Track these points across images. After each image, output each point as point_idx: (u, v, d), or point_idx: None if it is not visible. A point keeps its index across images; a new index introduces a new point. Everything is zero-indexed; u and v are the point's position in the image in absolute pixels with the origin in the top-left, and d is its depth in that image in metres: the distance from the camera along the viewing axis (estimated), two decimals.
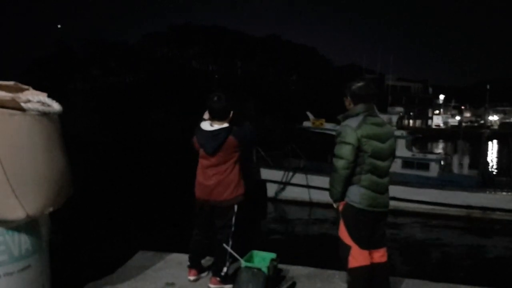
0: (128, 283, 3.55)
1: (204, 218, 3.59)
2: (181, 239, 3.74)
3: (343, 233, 3.10)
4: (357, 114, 3.06)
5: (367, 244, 3.06)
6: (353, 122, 3.02)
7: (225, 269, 3.49)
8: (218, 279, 3.49)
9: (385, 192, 3.09)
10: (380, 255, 3.14)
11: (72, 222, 8.52)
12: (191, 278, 3.60)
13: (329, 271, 3.93)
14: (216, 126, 3.45)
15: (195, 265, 3.65)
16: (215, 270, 3.53)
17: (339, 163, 2.98)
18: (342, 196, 3.06)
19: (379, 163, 3.02)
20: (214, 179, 3.46)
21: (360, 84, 3.08)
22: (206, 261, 3.90)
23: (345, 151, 2.96)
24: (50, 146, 2.31)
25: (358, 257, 3.02)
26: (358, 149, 2.95)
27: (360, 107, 3.06)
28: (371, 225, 3.07)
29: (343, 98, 3.17)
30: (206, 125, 3.50)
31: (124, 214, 11.82)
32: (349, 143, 2.95)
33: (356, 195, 3.01)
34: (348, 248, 3.05)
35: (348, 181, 3.01)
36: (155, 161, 24.30)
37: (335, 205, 3.16)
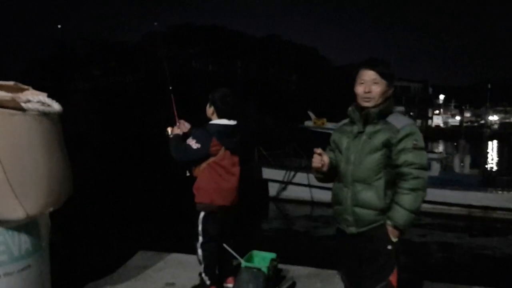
0: (128, 283, 3.55)
1: (221, 226, 3.39)
2: (181, 239, 3.72)
3: (395, 276, 2.21)
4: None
5: None
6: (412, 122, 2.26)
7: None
8: (233, 277, 3.48)
9: None
10: None
11: (72, 222, 8.51)
12: (230, 285, 3.46)
13: (329, 271, 3.92)
14: (233, 122, 3.32)
15: (228, 273, 3.54)
16: (230, 269, 3.52)
17: (426, 175, 2.14)
18: None
19: None
20: (235, 180, 3.34)
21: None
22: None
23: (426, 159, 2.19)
24: (50, 146, 2.31)
25: None
26: None
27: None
28: None
29: (382, 82, 2.20)
30: (224, 121, 3.29)
31: (124, 214, 11.81)
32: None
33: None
34: None
35: None
36: (155, 161, 24.25)
37: (395, 239, 2.18)
